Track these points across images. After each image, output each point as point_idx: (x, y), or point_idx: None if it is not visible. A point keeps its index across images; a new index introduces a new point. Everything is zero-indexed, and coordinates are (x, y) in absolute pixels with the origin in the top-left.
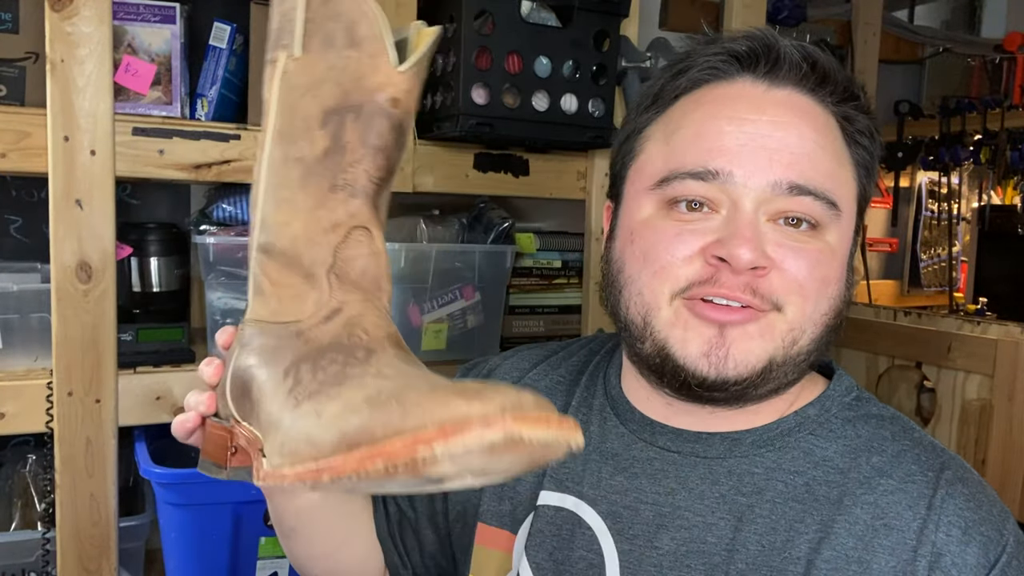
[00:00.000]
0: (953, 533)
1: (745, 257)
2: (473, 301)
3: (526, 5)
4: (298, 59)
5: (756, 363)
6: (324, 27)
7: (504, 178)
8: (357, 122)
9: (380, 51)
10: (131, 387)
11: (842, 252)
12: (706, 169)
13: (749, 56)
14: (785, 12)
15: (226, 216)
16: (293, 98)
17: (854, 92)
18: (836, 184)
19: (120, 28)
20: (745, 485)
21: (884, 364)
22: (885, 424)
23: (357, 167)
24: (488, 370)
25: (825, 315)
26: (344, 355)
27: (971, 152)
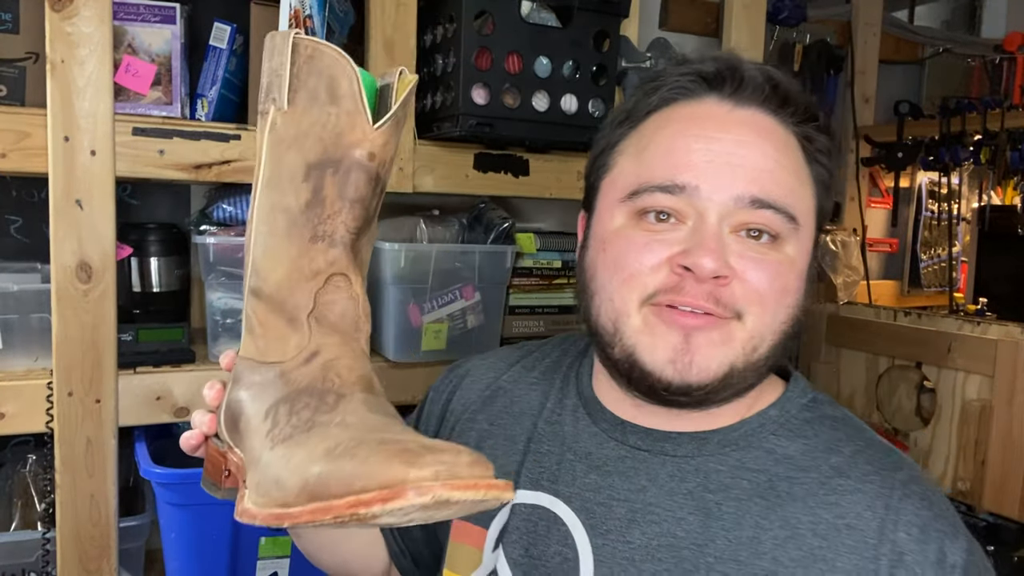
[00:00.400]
0: (912, 532)
1: (708, 266)
2: (473, 301)
3: (526, 5)
4: (285, 112)
5: (718, 369)
6: (308, 83)
7: (504, 178)
8: (336, 176)
9: (357, 109)
10: (131, 387)
11: (800, 264)
12: (674, 183)
13: (716, 77)
14: (785, 12)
15: (226, 216)
16: (280, 150)
17: (814, 113)
18: (795, 199)
19: (120, 28)
20: (712, 482)
21: (884, 364)
22: (839, 425)
23: (336, 219)
24: (464, 372)
25: (784, 323)
26: (317, 399)
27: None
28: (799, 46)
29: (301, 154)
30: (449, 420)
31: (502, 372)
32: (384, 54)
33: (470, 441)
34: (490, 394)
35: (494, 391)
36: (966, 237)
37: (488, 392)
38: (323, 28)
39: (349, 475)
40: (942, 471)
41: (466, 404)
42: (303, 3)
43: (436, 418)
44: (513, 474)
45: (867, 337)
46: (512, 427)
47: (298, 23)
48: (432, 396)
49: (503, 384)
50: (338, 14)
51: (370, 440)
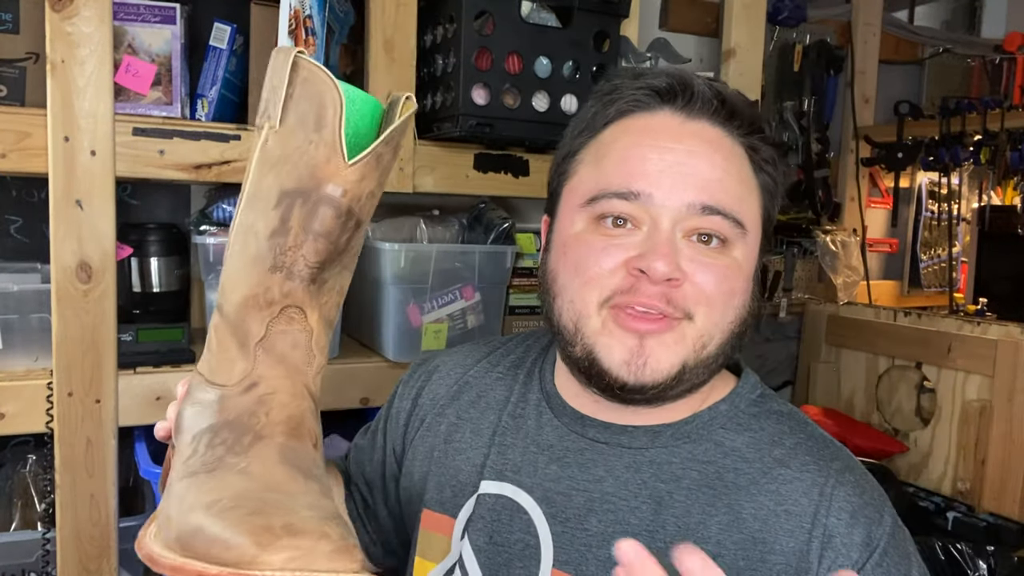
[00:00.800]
0: (842, 517)
1: (661, 269)
2: (473, 301)
3: (526, 5)
4: (277, 131)
5: (670, 369)
6: (300, 105)
7: (504, 178)
8: (303, 208)
9: (334, 143)
10: (131, 387)
11: (748, 267)
12: (630, 190)
13: (668, 91)
14: (785, 12)
15: (226, 216)
16: (264, 170)
17: (759, 125)
18: (743, 206)
19: (120, 28)
20: (664, 473)
21: (884, 364)
22: (784, 419)
23: (296, 251)
24: (433, 367)
25: (731, 323)
26: (235, 437)
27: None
28: (799, 46)
29: (279, 179)
30: (418, 414)
31: (469, 367)
32: (384, 54)
33: (440, 433)
34: (458, 388)
35: (461, 385)
36: (966, 237)
37: (456, 386)
38: (323, 28)
39: (210, 539)
40: (942, 471)
41: (435, 399)
42: (303, 3)
43: (405, 413)
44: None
45: (867, 337)
46: (478, 420)
47: (298, 23)
48: (401, 391)
49: (470, 379)
50: (338, 14)
51: (247, 504)
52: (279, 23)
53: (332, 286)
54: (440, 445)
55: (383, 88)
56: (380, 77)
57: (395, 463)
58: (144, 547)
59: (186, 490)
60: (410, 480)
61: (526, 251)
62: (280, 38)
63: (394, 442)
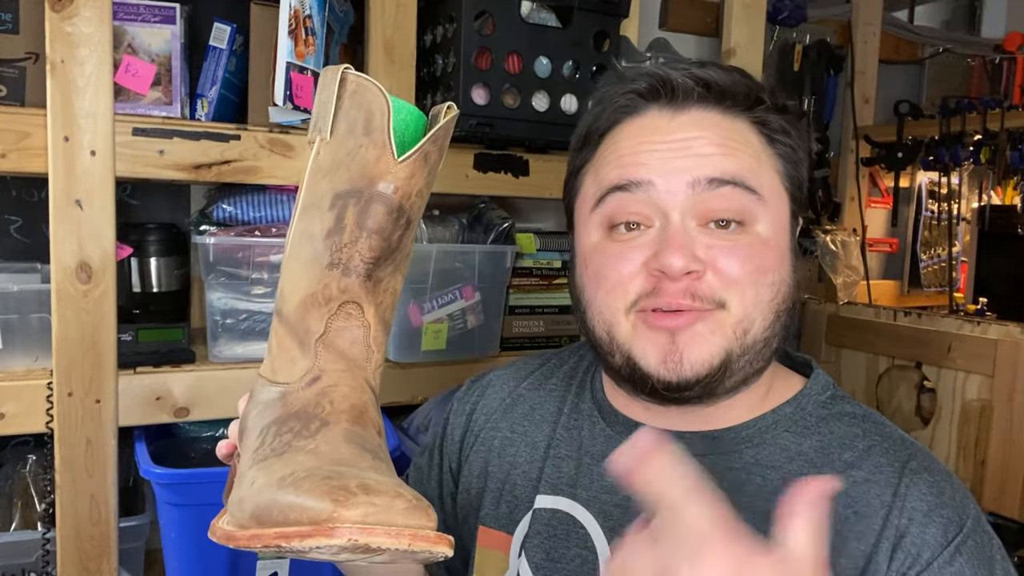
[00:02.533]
0: (916, 517)
1: (677, 264)
2: (473, 301)
3: (526, 5)
4: (327, 143)
5: (711, 359)
6: (349, 115)
7: (504, 178)
8: (357, 206)
9: (384, 143)
10: (131, 387)
11: (776, 240)
12: (630, 181)
13: (650, 91)
14: (785, 12)
15: (226, 216)
16: (317, 179)
17: (758, 96)
18: (752, 173)
19: (120, 28)
20: (725, 480)
21: (884, 364)
22: (857, 422)
23: (352, 248)
24: (487, 382)
25: (772, 302)
26: (302, 424)
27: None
28: (799, 46)
29: (332, 184)
30: (473, 430)
31: (522, 380)
32: (384, 54)
33: (494, 448)
34: (511, 402)
35: (514, 399)
36: (966, 237)
37: (509, 400)
38: (323, 28)
39: (287, 506)
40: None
41: (488, 413)
42: (303, 3)
43: (460, 430)
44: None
45: (867, 337)
46: (533, 433)
47: (298, 23)
48: (456, 408)
49: (522, 392)
50: (338, 14)
51: (320, 473)
52: (279, 23)
53: (386, 287)
54: (495, 460)
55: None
56: (380, 77)
57: (452, 481)
58: (218, 530)
59: (257, 474)
60: (466, 497)
61: (526, 251)
62: (280, 38)
63: (450, 459)
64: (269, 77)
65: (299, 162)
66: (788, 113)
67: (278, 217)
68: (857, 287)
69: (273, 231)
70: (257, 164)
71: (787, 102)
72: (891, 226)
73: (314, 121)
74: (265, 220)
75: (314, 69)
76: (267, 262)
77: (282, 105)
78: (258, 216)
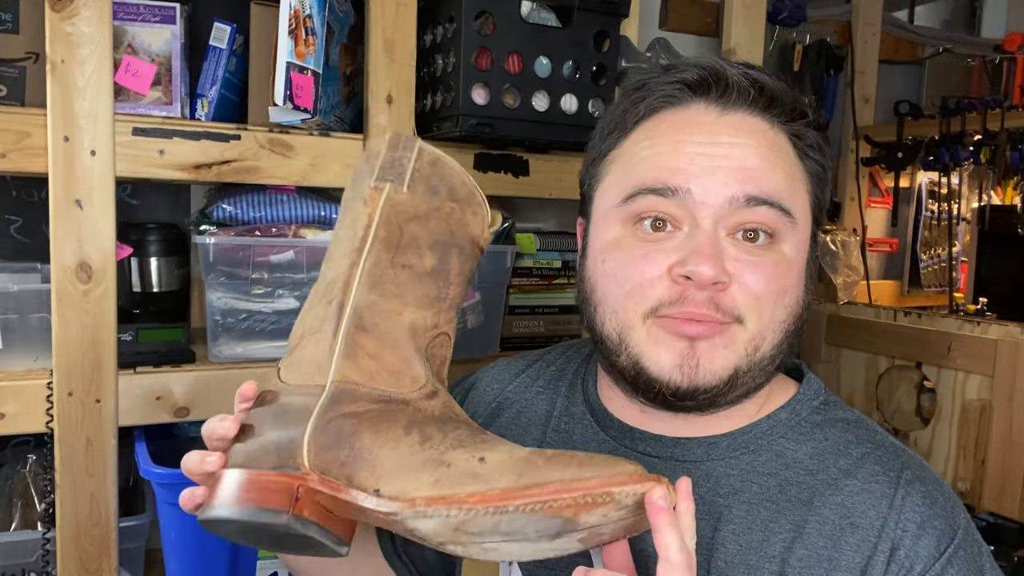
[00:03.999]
0: (909, 528)
1: (707, 274)
2: (473, 301)
3: (526, 5)
4: (403, 194)
5: (723, 372)
6: (430, 180)
7: (504, 178)
8: (460, 256)
9: (482, 212)
10: (131, 387)
11: (799, 261)
12: (666, 186)
13: (701, 84)
14: (785, 12)
15: (226, 216)
16: (399, 219)
17: (802, 111)
18: (790, 195)
19: (120, 28)
20: (722, 487)
21: (884, 364)
22: (850, 428)
23: (454, 288)
24: (469, 384)
25: (784, 322)
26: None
27: (971, 152)
28: (799, 46)
29: (425, 230)
30: None
31: (508, 382)
32: (384, 54)
33: None
34: (497, 405)
35: (500, 402)
36: (966, 237)
37: (495, 403)
38: (323, 28)
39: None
40: (942, 471)
41: (473, 416)
42: (303, 3)
43: None
44: None
45: (867, 337)
46: (521, 437)
47: (298, 23)
48: None
49: (509, 394)
50: (338, 14)
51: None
52: (279, 23)
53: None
54: None
55: (383, 88)
56: (380, 77)
57: None
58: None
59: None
60: None
61: (526, 251)
62: (280, 38)
63: None
64: (269, 77)
65: (298, 162)
66: (823, 130)
67: (278, 217)
68: (857, 287)
69: (273, 231)
70: (257, 164)
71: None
72: (891, 226)
73: (380, 171)
74: (265, 220)
75: (314, 69)
76: (267, 262)
77: (282, 105)
78: (258, 216)
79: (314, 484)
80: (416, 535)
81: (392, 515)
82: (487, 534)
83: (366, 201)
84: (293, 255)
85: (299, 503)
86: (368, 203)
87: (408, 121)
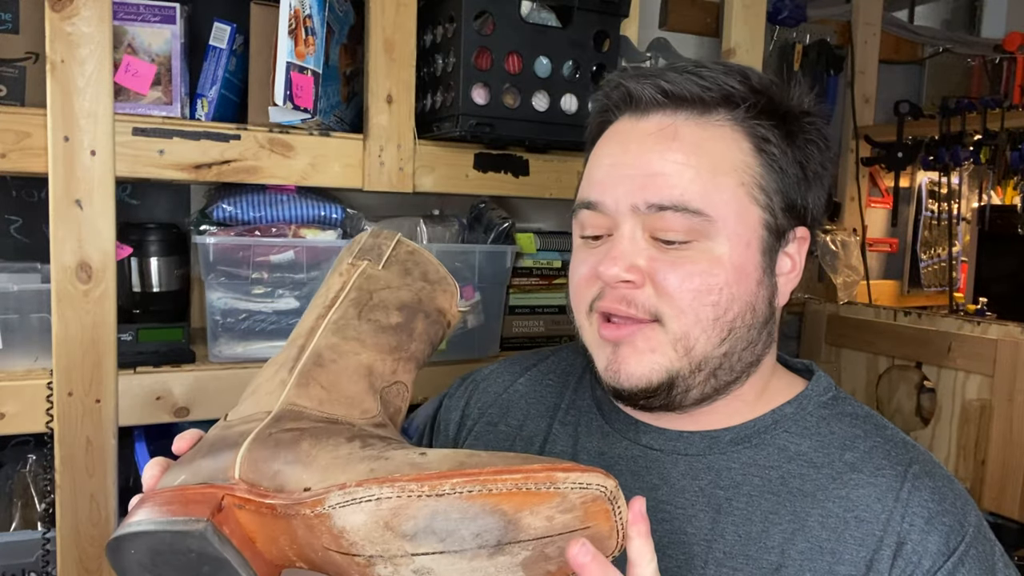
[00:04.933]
0: (916, 523)
1: (610, 272)
2: (473, 301)
3: (526, 5)
4: (379, 270)
5: (651, 376)
6: (405, 263)
7: (504, 178)
8: (426, 320)
9: (452, 291)
10: (131, 387)
11: (734, 256)
12: (590, 200)
13: (621, 99)
14: (785, 12)
15: (226, 216)
16: (371, 286)
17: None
18: (704, 195)
19: (120, 28)
20: (723, 479)
21: (884, 364)
22: (859, 422)
23: (417, 344)
24: (480, 377)
25: (718, 319)
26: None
27: (971, 152)
28: (799, 46)
29: (395, 296)
30: (467, 423)
31: (517, 376)
32: (384, 54)
33: (489, 444)
34: (507, 398)
35: (511, 395)
36: (966, 237)
37: (505, 396)
38: (323, 28)
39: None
40: None
41: (483, 407)
42: (303, 3)
43: (455, 424)
44: None
45: (867, 337)
46: (528, 428)
47: (298, 23)
48: (447, 404)
49: (519, 388)
50: (338, 14)
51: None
52: (279, 23)
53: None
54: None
55: (383, 88)
56: (380, 77)
57: None
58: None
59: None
60: None
61: (526, 251)
62: (280, 38)
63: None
64: (269, 77)
65: (298, 162)
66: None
67: (278, 217)
68: (857, 287)
69: (273, 231)
70: (257, 164)
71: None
72: (891, 226)
73: (360, 251)
74: (265, 220)
75: (314, 69)
76: (267, 262)
77: (282, 105)
78: (258, 216)
79: (241, 493)
80: (344, 540)
81: (318, 509)
82: (421, 535)
83: (342, 273)
84: (293, 255)
85: (222, 514)
86: (343, 274)
87: (408, 121)
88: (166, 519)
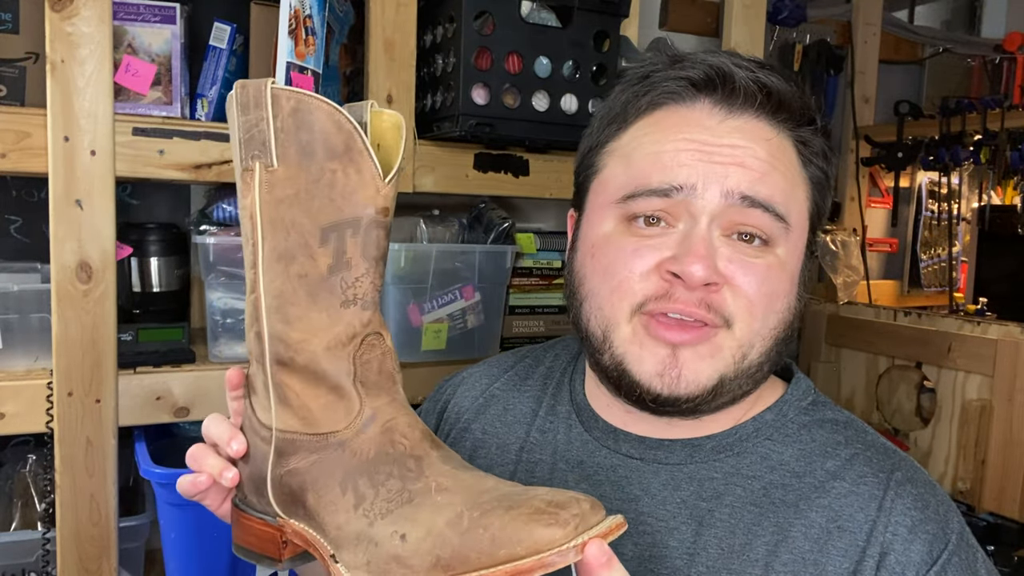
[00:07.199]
0: (900, 532)
1: (699, 274)
2: (473, 301)
3: (526, 5)
4: (275, 170)
5: (707, 382)
6: (298, 138)
7: (504, 178)
8: (356, 237)
9: (367, 166)
10: (131, 387)
11: (792, 266)
12: (670, 186)
13: (707, 83)
14: (785, 12)
15: (226, 216)
16: (281, 212)
17: (810, 116)
18: (787, 200)
19: (120, 28)
20: (705, 490)
21: (884, 364)
22: (839, 428)
23: (364, 280)
24: (459, 380)
25: (774, 329)
26: (397, 467)
27: (971, 152)
28: (799, 46)
29: (310, 217)
30: (443, 428)
31: (495, 379)
32: (384, 54)
33: (465, 450)
34: (483, 402)
35: (487, 399)
36: (966, 237)
37: (482, 400)
38: (323, 28)
39: (489, 545)
40: (942, 471)
41: (460, 412)
42: (303, 3)
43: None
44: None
45: (867, 337)
46: (505, 435)
47: (298, 23)
48: (426, 407)
49: (496, 392)
50: (338, 14)
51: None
52: (279, 23)
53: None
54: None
55: (383, 88)
56: (380, 77)
57: None
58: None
59: (397, 527)
60: None
61: (526, 251)
62: (280, 38)
63: None
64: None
65: None
66: (828, 137)
67: None
68: (857, 287)
69: None
70: None
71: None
72: (891, 226)
73: (244, 147)
74: None
75: (314, 69)
76: None
77: None
78: None
79: (290, 537)
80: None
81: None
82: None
83: (243, 192)
84: None
85: (288, 548)
86: (245, 194)
87: (408, 121)
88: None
